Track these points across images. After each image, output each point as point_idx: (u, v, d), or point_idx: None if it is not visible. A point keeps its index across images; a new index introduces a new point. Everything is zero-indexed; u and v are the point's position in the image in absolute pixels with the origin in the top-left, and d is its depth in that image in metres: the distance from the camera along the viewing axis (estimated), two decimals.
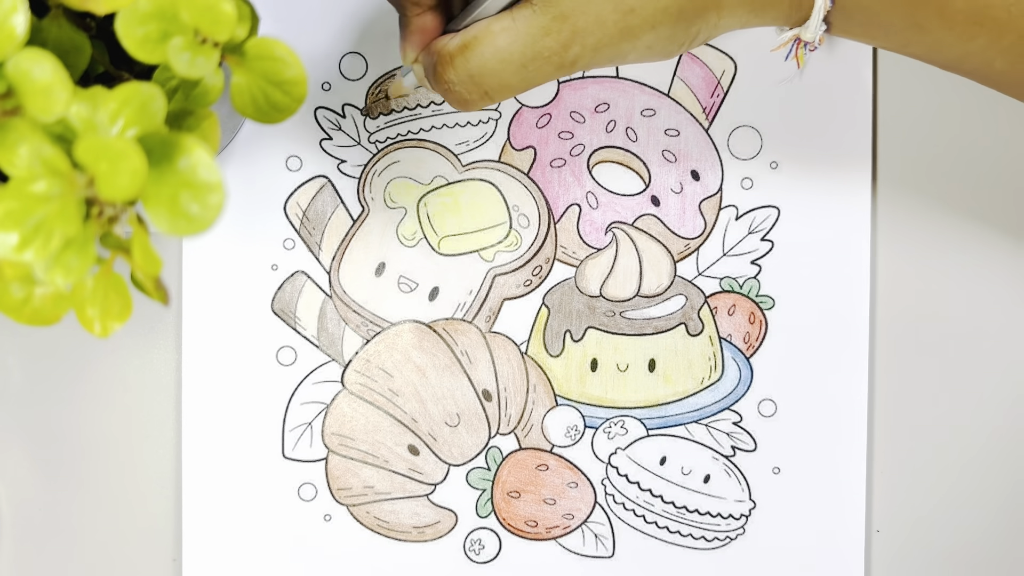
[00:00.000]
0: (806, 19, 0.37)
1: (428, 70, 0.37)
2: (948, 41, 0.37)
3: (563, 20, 0.34)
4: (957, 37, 0.37)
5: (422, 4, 0.37)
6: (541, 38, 0.35)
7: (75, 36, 0.29)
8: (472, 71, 0.35)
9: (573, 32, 0.35)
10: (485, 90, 0.36)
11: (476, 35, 0.35)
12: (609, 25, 0.35)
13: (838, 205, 0.47)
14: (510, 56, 0.35)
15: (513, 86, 0.36)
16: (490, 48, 0.35)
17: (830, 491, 0.47)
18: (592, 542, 0.47)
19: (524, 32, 0.35)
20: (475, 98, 0.36)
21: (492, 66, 0.35)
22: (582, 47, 0.35)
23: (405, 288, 0.47)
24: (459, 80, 0.36)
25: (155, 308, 0.45)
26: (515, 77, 0.35)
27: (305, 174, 0.47)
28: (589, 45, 0.35)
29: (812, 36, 0.38)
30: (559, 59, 0.35)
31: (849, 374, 0.47)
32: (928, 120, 0.48)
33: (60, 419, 0.47)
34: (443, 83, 0.36)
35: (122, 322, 0.28)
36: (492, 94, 0.36)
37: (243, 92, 0.29)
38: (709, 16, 0.36)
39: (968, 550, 0.48)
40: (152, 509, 0.47)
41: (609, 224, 0.47)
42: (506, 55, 0.35)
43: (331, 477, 0.47)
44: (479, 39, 0.35)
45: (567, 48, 0.35)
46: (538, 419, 0.47)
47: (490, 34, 0.35)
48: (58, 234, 0.25)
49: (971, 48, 0.37)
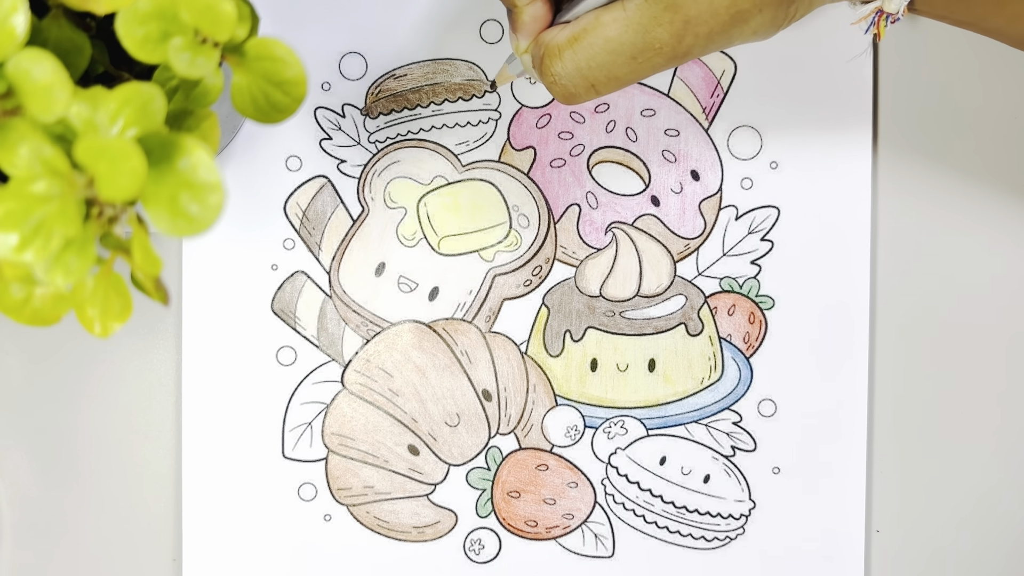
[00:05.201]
0: None
1: (536, 61, 0.36)
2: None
3: (675, 9, 0.33)
4: None
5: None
6: (653, 28, 0.34)
7: (75, 36, 0.29)
8: (580, 64, 0.34)
9: (685, 22, 0.34)
10: (591, 83, 0.35)
11: (585, 27, 0.34)
12: (721, 12, 0.34)
13: (838, 205, 0.47)
14: (620, 47, 0.34)
15: (621, 78, 0.35)
16: (600, 39, 0.34)
17: (830, 491, 0.47)
18: (592, 542, 0.47)
19: (636, 22, 0.34)
20: (581, 91, 0.35)
21: (601, 58, 0.34)
22: (695, 36, 0.34)
23: (405, 288, 0.47)
24: (566, 73, 0.35)
25: (155, 308, 0.45)
26: (624, 69, 0.35)
27: (305, 174, 0.47)
28: (703, 34, 0.34)
29: (896, 7, 0.37)
30: (671, 51, 0.34)
31: (849, 374, 0.47)
32: (929, 120, 0.48)
33: (60, 419, 0.47)
34: (549, 76, 0.35)
35: (122, 322, 0.28)
36: (599, 87, 0.35)
37: (243, 92, 0.29)
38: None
39: (968, 550, 0.48)
40: (152, 509, 0.47)
41: (609, 224, 0.47)
42: (616, 46, 0.34)
43: (331, 477, 0.47)
44: (588, 31, 0.34)
45: (680, 39, 0.34)
46: (538, 419, 0.47)
47: (600, 25, 0.34)
48: (58, 234, 0.25)
49: None
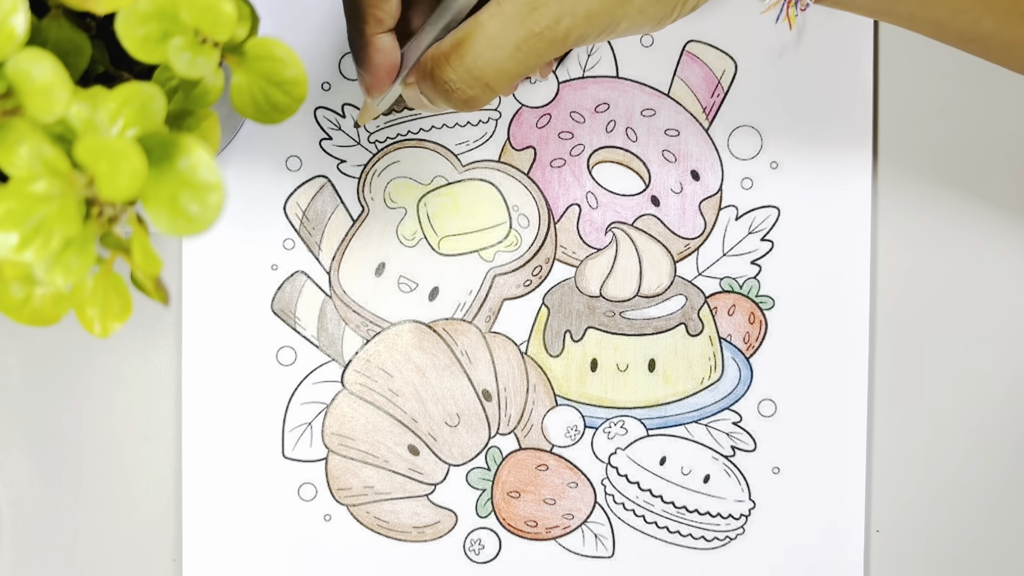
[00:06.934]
0: None
1: (426, 76, 0.37)
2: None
3: None
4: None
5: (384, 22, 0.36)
6: (530, 14, 0.34)
7: (75, 36, 0.29)
8: (469, 65, 0.35)
9: (561, 4, 0.34)
10: (485, 82, 0.35)
11: (467, 31, 0.35)
12: None
13: (838, 205, 0.47)
14: (503, 41, 0.34)
15: (510, 71, 0.35)
16: (482, 38, 0.34)
17: (830, 491, 0.47)
18: (592, 542, 0.47)
19: (512, 12, 0.34)
20: (477, 93, 0.36)
21: (488, 55, 0.35)
22: (572, 17, 0.34)
23: (405, 288, 0.47)
24: (458, 78, 0.35)
25: (155, 308, 0.45)
26: (511, 61, 0.35)
27: (305, 174, 0.47)
28: (580, 14, 0.34)
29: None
30: (551, 33, 0.34)
31: (849, 374, 0.47)
32: (929, 120, 0.48)
33: (60, 419, 0.47)
34: (443, 85, 0.36)
35: (122, 322, 0.28)
36: (493, 84, 0.35)
37: (243, 92, 0.29)
38: None
39: (968, 550, 0.48)
40: (152, 509, 0.47)
41: (609, 224, 0.47)
42: (498, 41, 0.34)
43: (331, 477, 0.47)
44: (470, 34, 0.35)
45: (558, 22, 0.34)
46: (538, 419, 0.47)
47: (479, 25, 0.35)
48: (58, 234, 0.25)
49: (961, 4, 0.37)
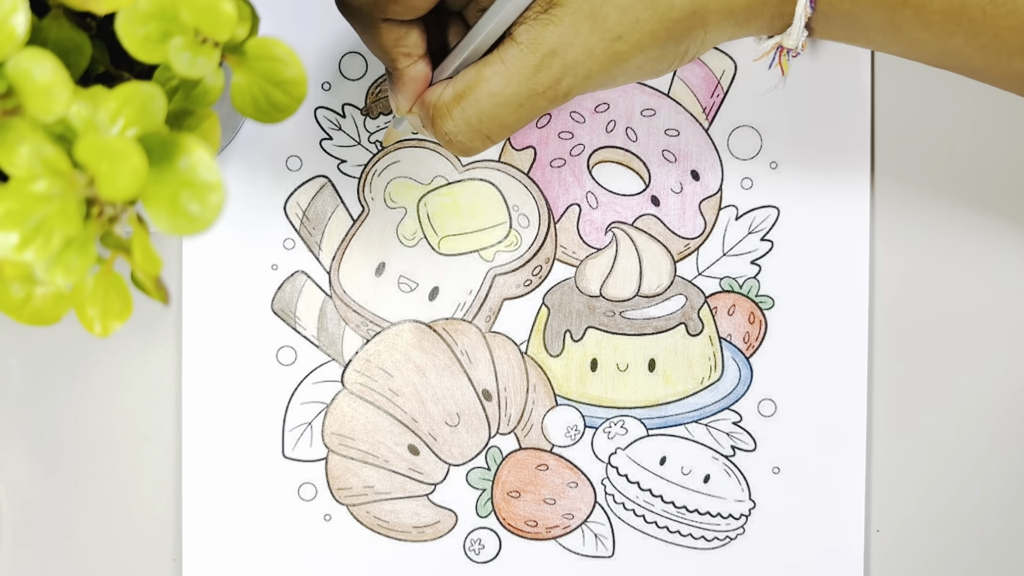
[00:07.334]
0: (788, 26, 0.38)
1: (425, 121, 0.37)
2: (926, 40, 0.37)
3: (552, 56, 0.35)
4: (935, 37, 0.37)
5: (413, 55, 0.37)
6: (533, 76, 0.35)
7: (75, 36, 0.29)
8: (470, 119, 0.36)
9: (564, 66, 0.35)
10: (486, 135, 0.36)
11: (469, 83, 0.35)
12: (598, 54, 0.35)
13: (838, 205, 0.47)
14: (506, 99, 0.35)
15: (511, 125, 0.36)
16: (485, 93, 0.35)
17: (830, 491, 0.47)
18: (592, 542, 0.47)
19: (516, 72, 0.35)
20: (477, 144, 0.36)
21: (490, 111, 0.35)
22: (574, 78, 0.35)
23: (405, 288, 0.47)
24: (459, 130, 0.36)
25: (155, 308, 0.45)
26: (513, 117, 0.36)
27: (305, 174, 0.47)
28: (581, 75, 0.35)
29: (795, 43, 0.38)
30: (553, 92, 0.35)
31: (849, 374, 0.47)
32: (926, 120, 0.48)
33: (60, 419, 0.47)
34: (443, 135, 0.36)
35: (122, 322, 0.28)
36: (493, 136, 0.36)
37: (243, 92, 0.29)
38: (696, 34, 0.36)
39: (968, 550, 0.48)
40: (152, 509, 0.47)
41: (609, 224, 0.47)
42: (502, 98, 0.35)
43: (331, 477, 0.47)
44: (472, 87, 0.35)
45: (559, 81, 0.35)
46: (538, 419, 0.47)
47: (482, 80, 0.35)
48: (58, 234, 0.25)
49: (949, 47, 0.37)
